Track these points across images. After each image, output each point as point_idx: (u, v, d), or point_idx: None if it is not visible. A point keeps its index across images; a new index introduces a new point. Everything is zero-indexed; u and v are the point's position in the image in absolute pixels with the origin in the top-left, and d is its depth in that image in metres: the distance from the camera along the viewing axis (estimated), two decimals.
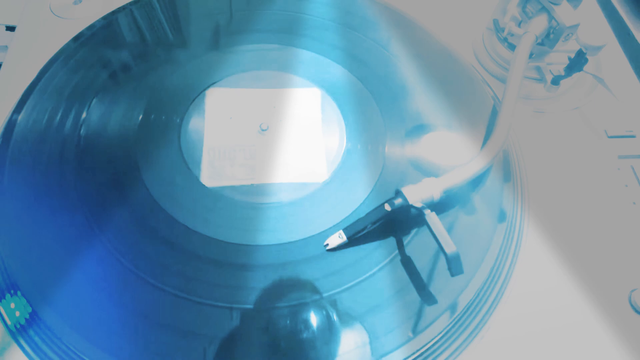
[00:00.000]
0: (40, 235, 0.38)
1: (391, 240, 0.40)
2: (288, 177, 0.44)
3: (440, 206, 0.40)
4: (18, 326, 0.36)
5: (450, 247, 0.36)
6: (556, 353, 0.38)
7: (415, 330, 0.36)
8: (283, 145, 0.46)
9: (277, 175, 0.44)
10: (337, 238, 0.39)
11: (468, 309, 0.38)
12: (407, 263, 0.39)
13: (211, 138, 0.45)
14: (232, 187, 0.43)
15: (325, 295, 0.37)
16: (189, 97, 0.48)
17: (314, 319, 0.36)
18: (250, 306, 0.36)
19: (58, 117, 0.45)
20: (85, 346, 0.34)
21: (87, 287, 0.37)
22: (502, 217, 0.42)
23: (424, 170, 0.44)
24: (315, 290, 0.37)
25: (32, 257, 0.38)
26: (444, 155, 0.46)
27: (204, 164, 0.44)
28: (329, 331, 0.36)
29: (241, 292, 0.37)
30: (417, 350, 0.36)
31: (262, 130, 0.46)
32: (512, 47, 0.52)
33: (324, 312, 0.36)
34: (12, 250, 0.38)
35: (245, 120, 0.47)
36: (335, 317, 0.36)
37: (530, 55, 0.47)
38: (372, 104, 0.48)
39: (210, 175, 0.43)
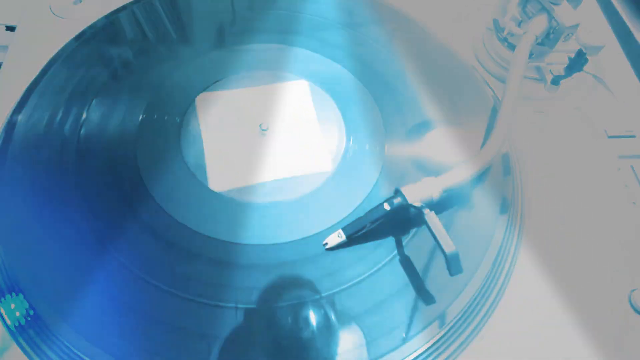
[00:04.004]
0: (41, 236, 0.38)
1: (390, 240, 0.40)
2: (289, 176, 0.44)
3: (439, 206, 0.40)
4: (18, 326, 0.36)
5: (449, 247, 0.35)
6: (556, 353, 0.38)
7: (414, 331, 0.36)
8: (283, 144, 0.46)
9: (278, 175, 0.44)
10: (336, 237, 0.39)
11: (468, 308, 0.38)
12: (407, 263, 0.39)
13: (211, 138, 0.45)
14: (232, 187, 0.43)
15: (324, 294, 0.37)
16: (189, 97, 0.48)
17: (312, 318, 0.36)
18: (249, 305, 0.36)
19: (58, 117, 0.45)
20: (85, 346, 0.34)
21: (87, 287, 0.36)
22: (501, 216, 0.42)
23: (423, 170, 0.44)
24: (314, 289, 0.37)
25: (32, 257, 0.38)
26: (444, 154, 0.46)
27: (205, 164, 0.44)
28: (327, 331, 0.36)
29: (240, 291, 0.37)
30: (417, 350, 0.36)
31: (263, 130, 0.46)
32: (512, 47, 0.52)
33: (323, 312, 0.36)
34: (12, 250, 0.38)
35: (245, 121, 0.47)
36: (334, 317, 0.36)
37: (530, 55, 0.47)
38: (372, 104, 0.48)
39: (211, 175, 0.43)
